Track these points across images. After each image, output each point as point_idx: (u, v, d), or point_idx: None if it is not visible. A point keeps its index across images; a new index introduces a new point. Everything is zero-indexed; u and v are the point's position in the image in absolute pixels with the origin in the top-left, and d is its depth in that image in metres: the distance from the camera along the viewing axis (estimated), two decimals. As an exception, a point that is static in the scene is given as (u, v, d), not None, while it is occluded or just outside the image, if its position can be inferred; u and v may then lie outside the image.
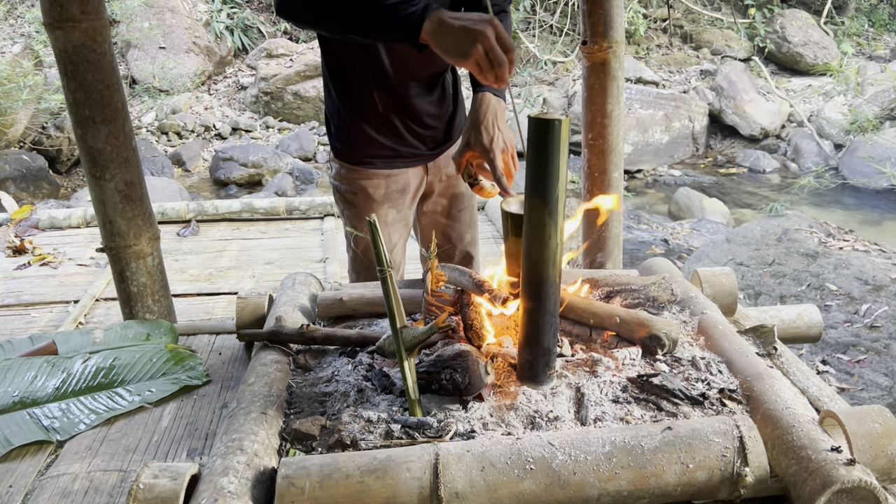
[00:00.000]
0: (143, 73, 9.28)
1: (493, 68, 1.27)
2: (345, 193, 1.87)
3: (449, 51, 1.30)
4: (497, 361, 1.26)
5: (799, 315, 1.66)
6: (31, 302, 3.53)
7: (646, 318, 1.33)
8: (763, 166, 8.23)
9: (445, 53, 1.31)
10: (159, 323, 1.70)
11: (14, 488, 1.20)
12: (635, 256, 5.06)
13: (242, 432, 1.08)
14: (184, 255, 4.21)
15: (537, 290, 1.15)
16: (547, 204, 1.10)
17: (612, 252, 2.54)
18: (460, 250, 2.07)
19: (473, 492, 0.97)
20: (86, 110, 2.11)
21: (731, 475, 1.00)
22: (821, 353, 3.15)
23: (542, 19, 10.43)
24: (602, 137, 2.39)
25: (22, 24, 9.39)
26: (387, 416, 1.14)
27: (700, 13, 10.69)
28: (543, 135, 1.07)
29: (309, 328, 1.39)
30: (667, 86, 9.52)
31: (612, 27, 2.30)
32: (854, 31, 10.91)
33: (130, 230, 2.25)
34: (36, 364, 1.50)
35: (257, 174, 7.65)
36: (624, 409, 1.15)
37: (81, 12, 2.02)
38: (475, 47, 1.25)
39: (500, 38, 1.26)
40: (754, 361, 1.23)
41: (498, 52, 1.26)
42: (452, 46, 1.28)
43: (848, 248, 3.72)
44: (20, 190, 6.82)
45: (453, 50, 1.29)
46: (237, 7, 10.46)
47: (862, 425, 1.02)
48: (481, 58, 1.26)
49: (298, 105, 9.25)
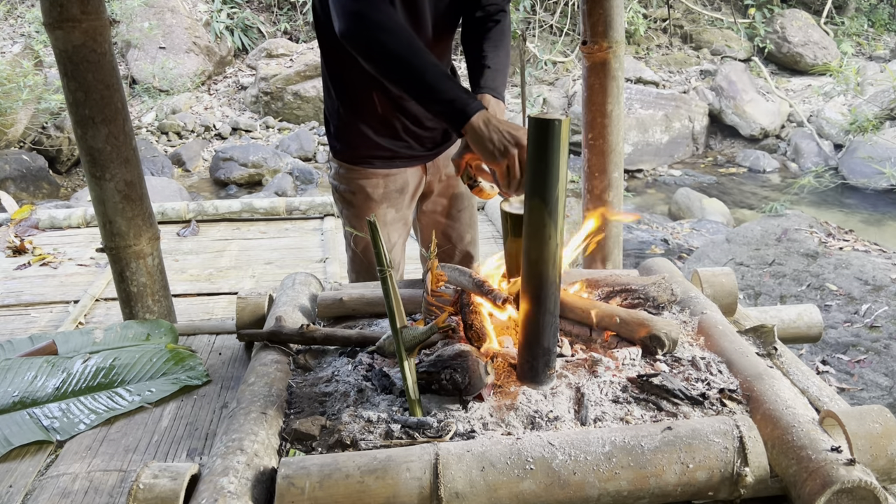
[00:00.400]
0: (143, 73, 9.28)
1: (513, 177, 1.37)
2: (344, 193, 1.87)
3: (487, 148, 1.38)
4: (497, 361, 1.26)
5: (799, 315, 1.66)
6: (31, 302, 3.53)
7: (646, 318, 1.33)
8: (763, 166, 8.23)
9: (482, 149, 1.39)
10: (159, 323, 1.70)
11: (14, 488, 1.20)
12: (635, 256, 5.06)
13: (242, 432, 1.08)
14: (184, 255, 4.21)
15: (537, 290, 1.15)
16: (547, 204, 1.10)
17: (612, 252, 2.54)
18: (460, 250, 2.07)
19: (473, 492, 0.97)
20: (86, 110, 2.11)
21: (731, 475, 1.00)
22: (821, 353, 3.14)
23: (542, 19, 10.43)
24: (602, 137, 2.39)
25: (22, 24, 9.38)
26: (387, 416, 1.14)
27: (700, 13, 10.69)
28: (543, 135, 1.07)
29: (309, 328, 1.39)
30: (667, 86, 9.52)
31: (612, 27, 2.30)
32: (854, 31, 10.91)
33: (130, 230, 2.25)
34: (36, 364, 1.50)
35: (257, 174, 7.65)
36: (624, 409, 1.15)
37: (81, 12, 2.02)
38: (508, 157, 1.35)
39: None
40: (754, 361, 1.23)
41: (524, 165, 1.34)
42: (493, 145, 1.36)
43: (848, 248, 3.72)
44: (20, 190, 6.82)
45: (492, 149, 1.37)
46: (237, 7, 10.46)
47: (862, 425, 1.02)
48: (513, 163, 1.35)
49: (298, 105, 9.25)
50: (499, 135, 1.36)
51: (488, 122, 1.37)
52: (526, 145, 1.29)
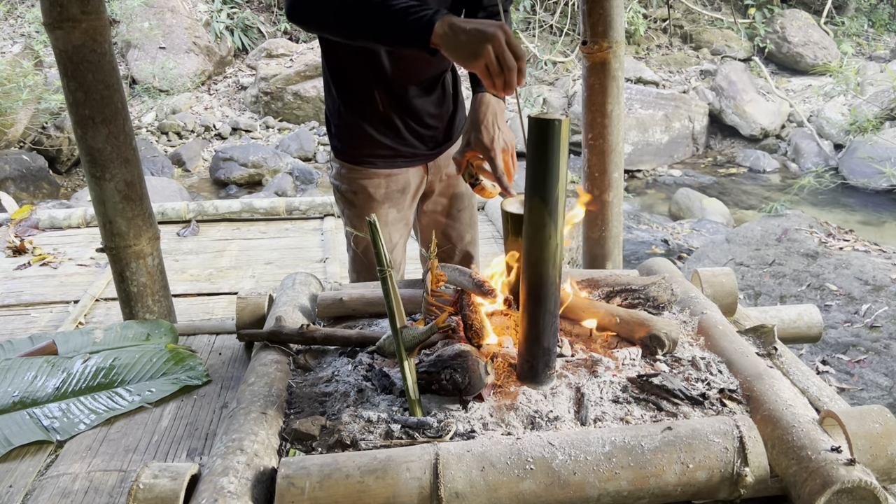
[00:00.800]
0: (143, 73, 9.28)
1: (503, 73, 1.26)
2: (345, 193, 1.87)
3: (459, 52, 1.28)
4: (497, 361, 1.26)
5: (799, 315, 1.66)
6: (31, 302, 3.53)
7: (646, 318, 1.33)
8: (763, 166, 8.23)
9: (456, 55, 1.30)
10: (159, 323, 1.70)
11: (14, 488, 1.20)
12: (635, 256, 5.06)
13: (242, 432, 1.08)
14: (184, 255, 4.21)
15: (537, 290, 1.15)
16: (547, 204, 1.10)
17: (612, 252, 2.54)
18: (460, 250, 2.07)
19: (473, 492, 0.97)
20: (86, 110, 2.11)
21: (731, 475, 1.00)
22: (821, 353, 3.14)
23: (542, 19, 10.43)
24: (602, 137, 2.39)
25: (22, 24, 9.38)
26: (387, 416, 1.14)
27: (700, 13, 10.69)
28: (543, 135, 1.07)
29: (309, 328, 1.39)
30: (667, 86, 9.52)
31: (612, 27, 2.30)
32: (854, 32, 10.91)
33: (130, 230, 2.25)
34: (36, 364, 1.50)
35: (257, 174, 7.65)
36: (624, 409, 1.15)
37: (81, 12, 2.02)
38: (485, 48, 1.24)
39: (511, 43, 1.26)
40: (754, 361, 1.23)
41: (508, 56, 1.25)
42: (463, 47, 1.27)
43: (848, 248, 3.72)
44: (20, 190, 6.82)
45: (464, 51, 1.27)
46: (237, 7, 10.46)
47: (862, 425, 1.02)
48: (491, 60, 1.25)
49: (298, 105, 9.25)
50: (465, 35, 1.26)
51: (452, 25, 1.29)
52: (498, 37, 1.23)
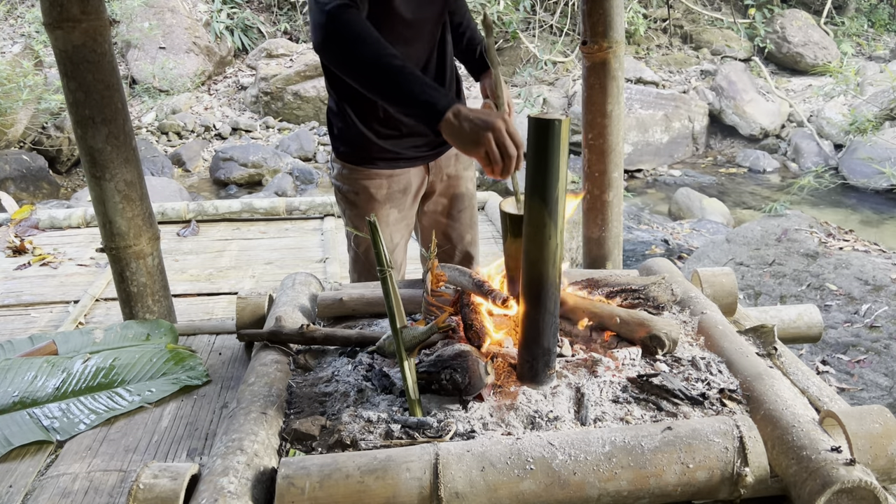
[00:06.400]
0: (143, 73, 9.28)
1: (502, 160, 1.32)
2: (346, 194, 1.87)
3: (462, 139, 1.34)
4: (497, 361, 1.26)
5: (799, 315, 1.66)
6: (31, 302, 3.53)
7: (646, 318, 1.33)
8: (763, 166, 8.22)
9: (458, 142, 1.35)
10: (159, 323, 1.70)
11: (14, 488, 1.20)
12: (635, 256, 5.06)
13: (242, 432, 1.08)
14: (184, 255, 4.20)
15: (537, 291, 1.15)
16: (547, 204, 1.10)
17: (612, 252, 2.54)
18: (460, 250, 2.07)
19: (473, 492, 0.97)
20: (86, 110, 2.10)
21: (731, 475, 1.00)
22: (821, 353, 3.14)
23: (542, 19, 10.43)
24: (602, 137, 2.39)
25: (22, 24, 9.38)
26: (387, 416, 1.14)
27: (700, 13, 10.69)
28: (543, 135, 1.07)
29: (309, 328, 1.39)
30: (667, 86, 9.52)
31: (612, 27, 2.30)
32: (854, 32, 10.91)
33: (130, 230, 2.24)
34: (36, 364, 1.50)
35: (257, 174, 7.65)
36: (624, 409, 1.15)
37: (81, 12, 2.01)
38: (486, 137, 1.30)
39: (511, 132, 1.31)
40: (754, 361, 1.23)
41: (509, 144, 1.30)
42: (466, 135, 1.33)
43: (848, 248, 3.72)
44: (20, 190, 6.82)
45: (466, 139, 1.33)
46: (237, 7, 10.46)
47: (862, 425, 1.02)
48: (491, 148, 1.30)
49: (298, 105, 9.25)
50: (469, 123, 1.33)
51: (458, 113, 1.34)
52: (499, 127, 1.30)
